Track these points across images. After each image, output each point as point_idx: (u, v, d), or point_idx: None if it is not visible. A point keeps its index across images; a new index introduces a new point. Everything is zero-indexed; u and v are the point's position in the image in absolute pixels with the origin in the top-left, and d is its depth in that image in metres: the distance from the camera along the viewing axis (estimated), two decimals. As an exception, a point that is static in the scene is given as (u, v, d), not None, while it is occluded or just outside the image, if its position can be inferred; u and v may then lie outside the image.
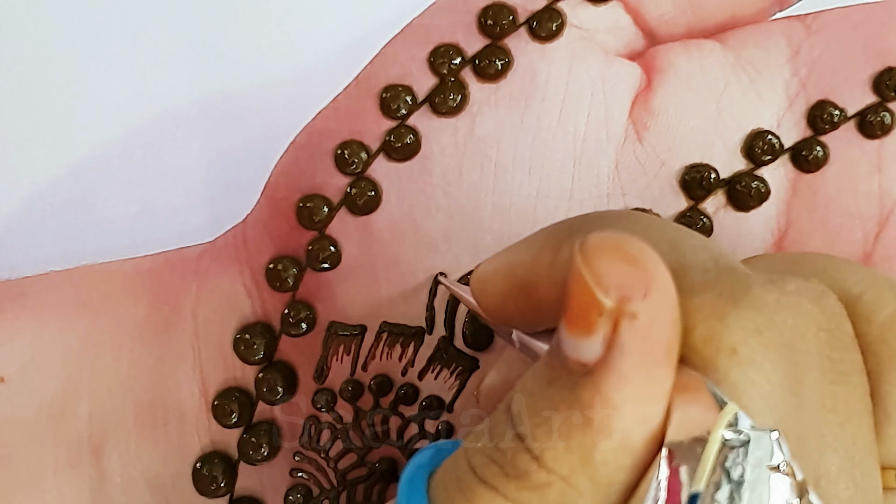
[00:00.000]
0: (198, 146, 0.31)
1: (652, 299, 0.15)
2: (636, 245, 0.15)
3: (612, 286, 0.15)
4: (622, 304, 0.15)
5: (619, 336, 0.15)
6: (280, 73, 0.32)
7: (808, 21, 0.24)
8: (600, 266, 0.15)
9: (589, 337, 0.15)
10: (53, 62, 0.31)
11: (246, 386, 0.24)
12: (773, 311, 0.16)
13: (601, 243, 0.15)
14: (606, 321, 0.15)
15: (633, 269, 0.15)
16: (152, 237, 0.29)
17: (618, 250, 0.15)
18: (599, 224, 0.18)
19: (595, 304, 0.15)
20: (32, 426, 0.24)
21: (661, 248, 0.16)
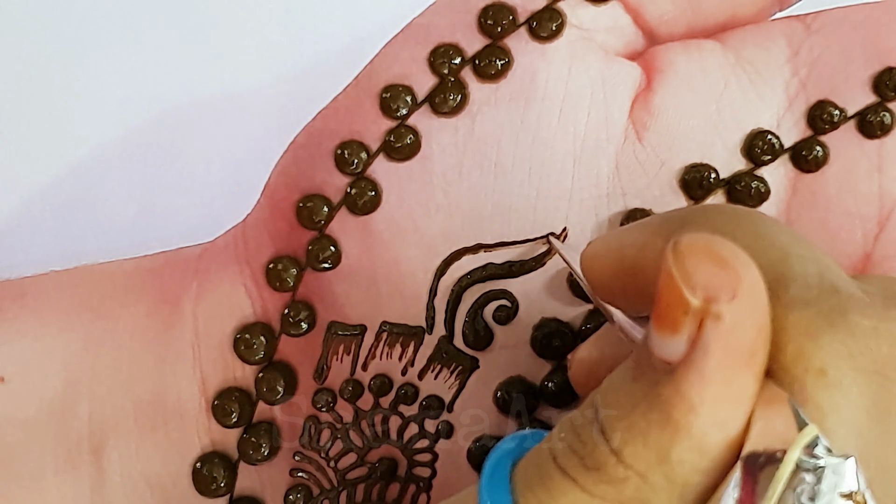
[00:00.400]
0: (198, 146, 0.31)
1: (738, 302, 0.15)
2: (728, 248, 0.15)
3: (700, 286, 0.15)
4: (708, 304, 0.15)
5: (703, 336, 0.15)
6: (280, 73, 0.32)
7: (808, 21, 0.24)
8: (690, 265, 0.15)
9: (674, 335, 0.15)
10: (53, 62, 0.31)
11: (246, 386, 0.24)
12: (869, 336, 0.16)
13: (693, 243, 0.15)
14: (692, 320, 0.15)
15: (722, 271, 0.15)
16: (152, 237, 0.29)
17: (709, 251, 0.15)
18: (712, 220, 0.18)
19: (682, 303, 0.15)
20: (32, 426, 0.24)
21: (771, 254, 0.17)
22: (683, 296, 0.15)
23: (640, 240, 0.19)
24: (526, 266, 0.23)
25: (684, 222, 0.18)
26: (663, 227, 0.18)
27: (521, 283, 0.24)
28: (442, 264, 0.23)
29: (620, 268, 0.19)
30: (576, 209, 0.23)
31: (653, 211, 0.24)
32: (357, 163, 0.24)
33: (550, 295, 0.24)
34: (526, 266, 0.23)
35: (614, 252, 0.19)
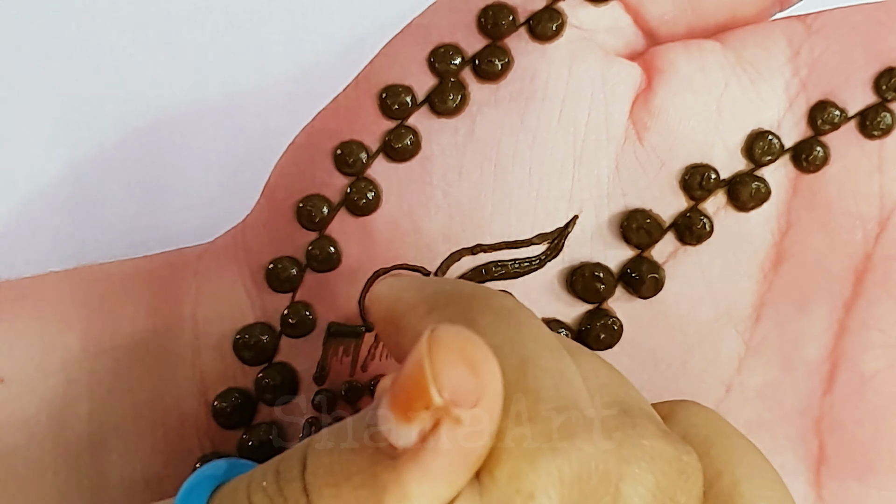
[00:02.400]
0: (197, 146, 0.31)
1: (479, 411, 0.15)
2: (482, 353, 0.15)
3: (447, 386, 0.15)
4: (451, 406, 0.15)
5: (438, 435, 0.15)
6: (280, 73, 0.32)
7: (809, 21, 0.24)
8: (441, 362, 0.15)
9: (407, 424, 0.15)
10: (53, 62, 0.31)
11: (246, 387, 0.24)
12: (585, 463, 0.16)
13: (450, 339, 0.15)
14: (430, 417, 0.15)
15: (471, 375, 0.15)
16: (152, 238, 0.29)
17: (463, 352, 0.15)
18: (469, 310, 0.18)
19: (425, 397, 0.15)
20: (32, 426, 0.24)
21: (511, 360, 0.16)
22: (428, 391, 0.15)
23: (412, 300, 0.18)
24: (526, 266, 0.23)
25: (450, 301, 0.18)
26: (433, 297, 0.18)
27: (521, 283, 0.23)
28: (442, 265, 0.23)
29: (389, 318, 0.19)
30: (576, 209, 0.23)
31: (653, 211, 0.24)
32: (357, 163, 0.24)
33: (550, 295, 0.24)
34: (526, 266, 0.23)
35: (390, 301, 0.19)
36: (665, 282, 0.23)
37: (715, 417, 0.20)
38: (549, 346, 0.17)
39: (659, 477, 0.17)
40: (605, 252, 0.24)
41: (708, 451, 0.18)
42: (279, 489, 0.16)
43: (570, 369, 0.17)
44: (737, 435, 0.19)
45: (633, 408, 0.18)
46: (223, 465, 0.18)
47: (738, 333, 0.23)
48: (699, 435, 0.19)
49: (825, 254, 0.23)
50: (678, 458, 0.17)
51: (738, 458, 0.18)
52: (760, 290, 0.24)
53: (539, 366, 0.17)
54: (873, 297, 0.23)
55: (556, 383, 0.17)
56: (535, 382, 0.16)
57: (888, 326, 0.23)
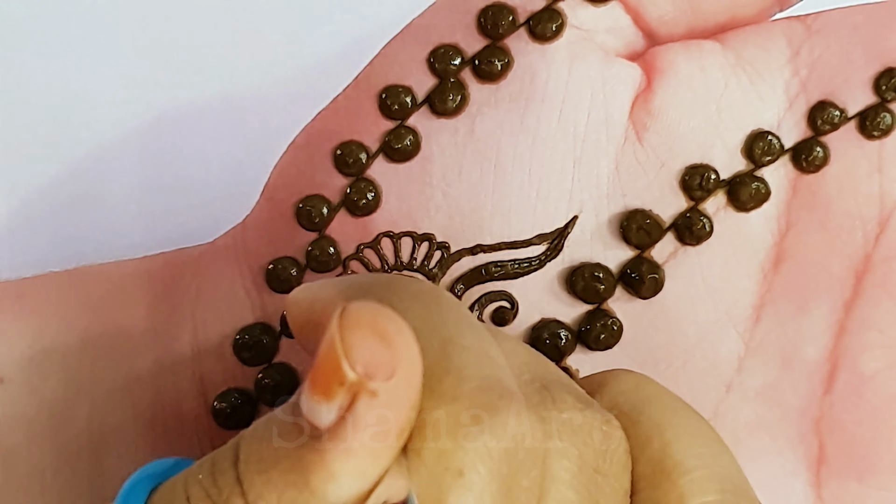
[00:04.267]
0: (197, 146, 0.31)
1: (395, 382, 0.15)
2: (395, 324, 0.15)
3: (360, 360, 0.15)
4: (365, 379, 0.15)
5: (355, 410, 0.15)
6: (280, 73, 0.32)
7: (809, 21, 0.24)
8: (353, 337, 0.15)
9: (325, 402, 0.15)
10: (53, 62, 0.31)
11: (246, 387, 0.24)
12: (515, 438, 0.16)
13: (361, 314, 0.15)
14: (346, 392, 0.15)
15: (384, 347, 0.15)
16: (152, 238, 0.29)
17: (374, 325, 0.15)
18: (388, 295, 0.18)
19: (339, 373, 0.15)
20: (32, 426, 0.24)
21: (433, 340, 0.16)
22: (341, 367, 0.15)
23: (329, 296, 0.18)
24: (526, 267, 0.23)
25: (367, 292, 0.18)
26: (350, 289, 0.18)
27: (520, 284, 0.23)
28: (441, 265, 0.23)
29: (308, 320, 0.19)
30: (576, 209, 0.23)
31: (653, 211, 0.24)
32: (356, 163, 0.24)
33: (550, 295, 0.24)
34: (526, 267, 0.23)
35: (308, 302, 0.19)
36: (665, 282, 0.23)
37: (645, 383, 0.20)
38: (470, 325, 0.17)
39: (581, 449, 0.17)
40: (605, 252, 0.24)
41: (637, 418, 0.18)
42: (214, 481, 0.16)
43: (492, 347, 0.17)
44: (667, 397, 0.19)
45: (553, 383, 0.18)
46: (167, 463, 0.18)
47: (738, 333, 0.23)
48: (628, 403, 0.19)
49: (825, 254, 0.23)
50: (598, 428, 0.17)
51: (667, 421, 0.18)
52: (760, 290, 0.24)
53: (461, 345, 0.17)
54: (873, 297, 0.23)
55: (479, 361, 0.17)
56: (458, 361, 0.16)
57: (888, 327, 0.23)
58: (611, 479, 0.18)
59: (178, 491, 0.17)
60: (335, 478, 0.15)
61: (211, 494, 0.16)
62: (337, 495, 0.15)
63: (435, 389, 0.16)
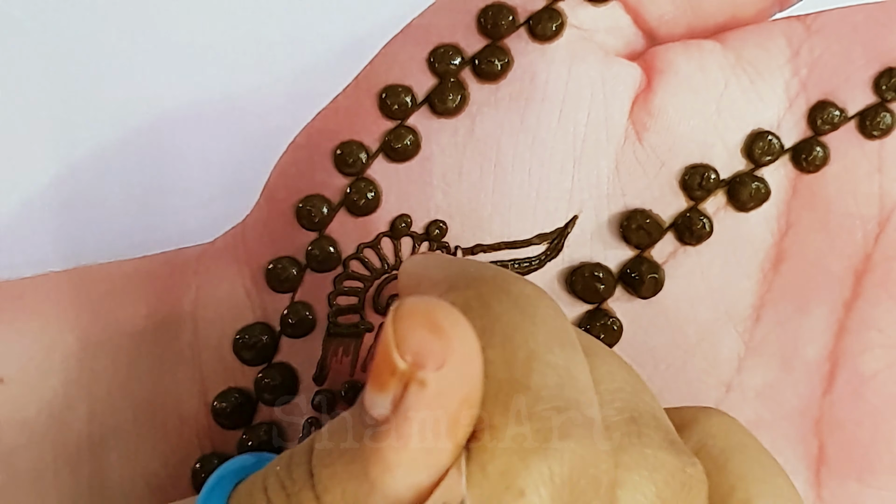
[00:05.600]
0: (197, 146, 0.31)
1: (445, 371, 0.15)
2: (449, 315, 0.15)
3: (410, 350, 0.15)
4: (414, 369, 0.15)
5: (406, 400, 0.15)
6: (280, 73, 0.32)
7: (809, 21, 0.24)
8: (405, 328, 0.15)
9: (381, 394, 0.15)
10: (53, 62, 0.31)
11: (246, 387, 0.24)
12: (576, 465, 0.16)
13: (415, 306, 0.15)
14: (398, 383, 0.15)
15: (435, 337, 0.15)
16: (152, 238, 0.29)
17: (427, 316, 0.15)
18: (488, 292, 0.18)
19: (390, 364, 0.15)
20: (32, 426, 0.24)
21: (518, 353, 0.16)
22: (392, 357, 0.15)
23: (435, 279, 0.19)
24: (526, 267, 0.23)
25: (471, 282, 0.18)
26: (456, 276, 0.18)
27: (520, 283, 0.23)
28: None
29: (410, 294, 0.19)
30: (576, 209, 0.23)
31: (653, 211, 0.24)
32: (356, 163, 0.24)
33: (550, 295, 0.24)
34: (526, 267, 0.23)
35: (416, 278, 0.19)
36: (665, 282, 0.23)
37: (736, 429, 0.19)
38: (562, 342, 0.17)
39: (660, 486, 0.17)
40: (605, 252, 0.24)
41: (724, 464, 0.18)
42: (289, 473, 0.17)
43: (580, 368, 0.17)
44: (756, 449, 0.19)
45: (644, 415, 0.18)
46: (250, 459, 0.18)
47: (738, 333, 0.23)
48: (716, 447, 0.19)
49: (825, 254, 0.23)
50: (682, 469, 0.17)
51: (753, 475, 0.18)
52: (760, 290, 0.24)
53: (546, 361, 0.17)
54: (873, 297, 0.23)
55: (561, 382, 0.17)
56: (539, 379, 0.16)
57: (888, 326, 0.23)
58: None
59: (258, 483, 0.17)
60: (390, 470, 0.15)
61: (286, 486, 0.16)
62: (394, 488, 0.15)
63: (509, 405, 0.16)
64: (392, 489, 0.15)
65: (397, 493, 0.15)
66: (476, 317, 0.17)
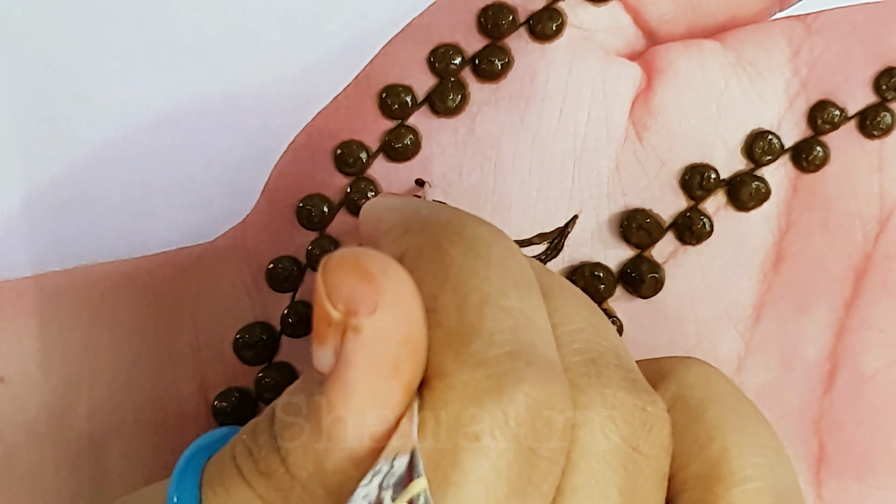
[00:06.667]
0: (197, 146, 0.31)
1: (379, 315, 0.15)
2: (377, 262, 0.15)
3: (341, 299, 0.15)
4: (347, 316, 0.15)
5: (345, 348, 0.15)
6: (280, 73, 0.31)
7: (809, 21, 0.24)
8: (335, 279, 0.15)
9: (321, 346, 0.16)
10: (53, 62, 0.31)
11: (246, 386, 0.24)
12: (538, 405, 0.16)
13: (343, 257, 0.16)
14: (335, 333, 0.15)
15: (364, 284, 0.15)
16: (152, 238, 0.29)
17: (356, 265, 0.15)
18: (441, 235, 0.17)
19: (325, 315, 0.15)
20: (32, 426, 0.24)
21: (471, 298, 0.16)
22: (325, 308, 0.15)
23: (391, 222, 0.19)
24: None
25: (424, 225, 0.18)
26: (410, 219, 0.18)
27: (521, 283, 0.23)
28: None
29: (370, 237, 0.19)
30: (576, 209, 0.23)
31: (653, 211, 0.24)
32: (357, 163, 0.24)
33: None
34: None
35: (374, 221, 0.20)
36: (665, 281, 0.23)
37: (715, 378, 0.19)
38: (518, 284, 0.17)
39: (620, 425, 0.17)
40: (605, 252, 0.24)
41: (702, 414, 0.18)
42: (255, 440, 0.17)
43: (536, 310, 0.17)
44: (735, 398, 0.19)
45: (604, 355, 0.18)
46: (220, 432, 0.19)
47: (738, 333, 0.23)
48: (694, 397, 0.19)
49: (825, 254, 0.23)
50: (642, 408, 0.17)
51: (730, 424, 0.18)
52: (760, 289, 0.24)
53: (500, 305, 0.17)
54: (873, 296, 0.23)
55: (516, 325, 0.17)
56: (492, 324, 0.16)
57: (888, 326, 0.23)
58: (651, 460, 0.17)
59: (227, 453, 0.17)
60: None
61: (253, 452, 0.17)
62: (349, 439, 0.16)
63: (461, 351, 0.16)
64: (347, 439, 0.16)
65: (353, 444, 0.16)
66: (429, 261, 0.17)
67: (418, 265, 0.17)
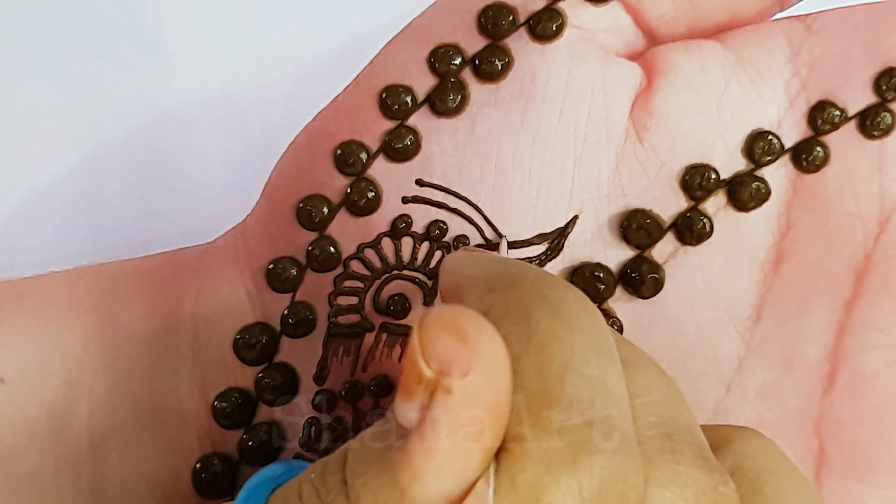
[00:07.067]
0: (197, 146, 0.31)
1: (471, 378, 0.15)
2: (474, 323, 0.15)
3: (435, 358, 0.15)
4: (440, 376, 0.15)
5: (433, 408, 0.15)
6: (280, 73, 0.32)
7: (809, 21, 0.24)
8: (430, 336, 0.15)
9: (409, 402, 0.15)
10: (54, 62, 0.31)
11: (246, 387, 0.24)
12: (612, 479, 0.16)
13: (441, 315, 0.15)
14: (424, 391, 0.15)
15: (460, 345, 0.15)
16: (152, 238, 0.29)
17: (453, 324, 0.15)
18: (526, 297, 0.17)
19: (417, 372, 0.15)
20: (32, 426, 0.24)
21: (554, 364, 0.16)
22: (418, 365, 0.15)
23: (474, 277, 0.19)
24: (526, 267, 0.23)
25: (510, 284, 0.18)
26: (494, 278, 0.18)
27: (521, 283, 0.23)
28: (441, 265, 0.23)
29: (452, 292, 0.19)
30: (576, 209, 0.23)
31: (653, 211, 0.24)
32: (357, 163, 0.24)
33: None
34: (526, 267, 0.23)
35: (456, 276, 0.19)
36: (665, 282, 0.23)
37: (773, 451, 0.19)
38: (598, 352, 0.17)
39: (691, 503, 0.17)
40: (605, 252, 0.24)
41: (760, 487, 0.18)
42: (324, 481, 0.17)
43: (615, 380, 0.17)
44: (792, 473, 0.19)
45: (679, 431, 0.18)
46: (281, 468, 0.19)
47: (738, 333, 0.23)
48: (753, 469, 0.18)
49: (825, 254, 0.23)
50: (714, 487, 0.17)
51: (789, 500, 0.18)
52: (760, 290, 0.24)
53: (581, 373, 0.17)
54: (873, 297, 0.23)
55: (595, 394, 0.16)
56: (572, 391, 0.16)
57: (888, 326, 0.23)
58: None
59: (293, 490, 0.17)
60: (419, 476, 0.15)
61: (320, 493, 0.17)
62: (423, 496, 0.15)
63: (541, 418, 0.16)
64: (422, 496, 0.15)
65: (427, 502, 0.15)
66: (512, 322, 0.17)
67: (502, 325, 0.17)
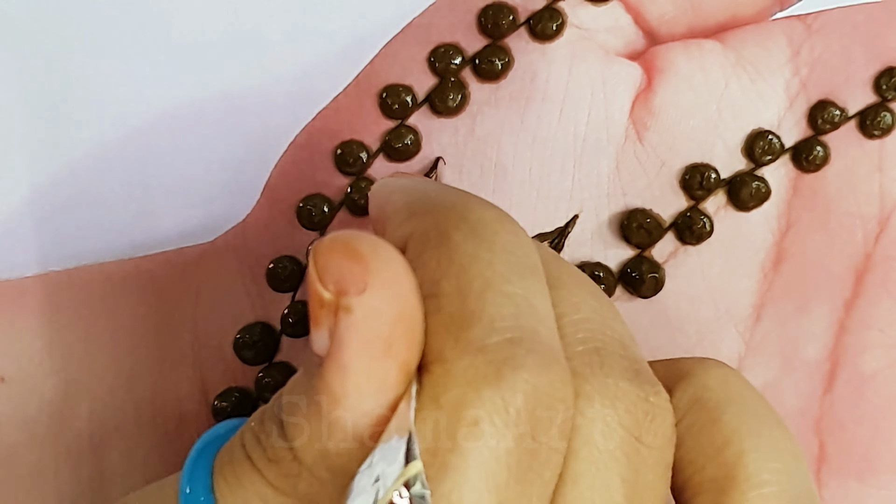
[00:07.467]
0: (198, 146, 0.31)
1: (369, 295, 0.15)
2: (367, 242, 0.16)
3: (332, 280, 0.15)
4: (339, 297, 0.15)
5: (338, 328, 0.15)
6: (280, 73, 0.31)
7: (809, 21, 0.24)
8: (325, 261, 0.16)
9: (317, 329, 0.16)
10: (53, 62, 0.31)
11: (246, 386, 0.24)
12: (537, 393, 0.16)
13: (333, 239, 0.16)
14: (328, 314, 0.15)
15: (354, 264, 0.15)
16: (152, 238, 0.29)
17: (346, 247, 0.16)
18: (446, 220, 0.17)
19: (317, 297, 0.15)
20: (32, 426, 0.24)
21: (474, 284, 0.16)
22: (317, 289, 0.15)
23: (398, 202, 0.19)
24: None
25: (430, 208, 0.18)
26: (416, 203, 0.18)
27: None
28: None
29: (378, 218, 0.19)
30: (576, 209, 0.23)
31: (653, 211, 0.24)
32: (357, 163, 0.24)
33: None
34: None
35: (381, 201, 0.20)
36: (665, 281, 0.23)
37: (734, 380, 0.19)
38: (521, 271, 0.17)
39: (622, 415, 0.17)
40: (606, 252, 0.24)
41: (719, 416, 0.18)
42: (262, 427, 0.17)
43: (539, 298, 0.17)
44: (753, 400, 0.19)
45: (609, 345, 0.18)
46: (226, 426, 0.19)
47: (738, 333, 0.23)
48: (712, 399, 0.18)
49: (825, 254, 0.23)
50: (644, 398, 0.17)
51: (748, 427, 0.18)
52: (760, 289, 0.24)
53: (502, 291, 0.17)
54: (873, 296, 0.23)
55: (518, 312, 0.16)
56: (493, 310, 0.16)
57: (888, 326, 0.23)
58: (654, 450, 0.17)
59: (237, 441, 0.17)
60: (339, 400, 0.15)
61: (261, 439, 0.17)
62: (348, 420, 0.16)
63: (461, 337, 0.16)
64: (347, 421, 0.16)
65: (354, 426, 0.16)
66: (433, 247, 0.17)
67: (422, 249, 0.17)
